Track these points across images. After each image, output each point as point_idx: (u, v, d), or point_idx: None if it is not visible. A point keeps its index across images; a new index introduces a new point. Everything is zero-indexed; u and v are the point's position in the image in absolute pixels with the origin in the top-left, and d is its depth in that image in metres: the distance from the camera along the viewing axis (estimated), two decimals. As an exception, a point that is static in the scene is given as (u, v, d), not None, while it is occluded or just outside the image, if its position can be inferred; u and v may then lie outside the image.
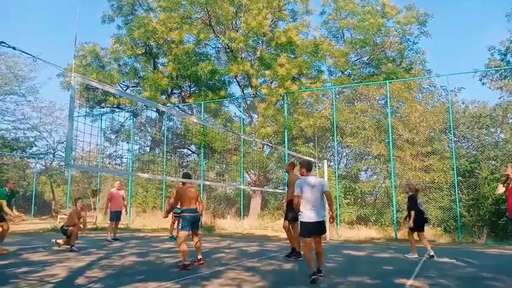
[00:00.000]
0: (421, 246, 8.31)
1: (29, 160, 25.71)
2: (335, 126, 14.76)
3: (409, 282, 5.64)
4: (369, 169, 16.49)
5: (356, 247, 10.39)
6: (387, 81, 15.12)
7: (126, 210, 12.34)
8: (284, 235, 13.72)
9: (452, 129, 13.41)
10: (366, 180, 16.02)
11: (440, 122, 14.48)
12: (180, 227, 7.58)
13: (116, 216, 11.66)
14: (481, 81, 20.96)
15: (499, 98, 18.57)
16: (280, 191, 15.99)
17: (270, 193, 17.60)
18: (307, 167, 6.20)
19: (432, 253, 8.03)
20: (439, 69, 44.43)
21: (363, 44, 18.87)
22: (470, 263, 7.59)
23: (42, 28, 44.12)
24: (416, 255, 8.14)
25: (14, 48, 4.09)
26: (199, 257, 6.94)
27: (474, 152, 14.98)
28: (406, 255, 8.30)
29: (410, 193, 8.42)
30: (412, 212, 8.15)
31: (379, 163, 15.43)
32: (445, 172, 13.22)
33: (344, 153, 18.05)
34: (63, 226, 9.23)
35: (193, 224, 6.79)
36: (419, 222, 8.24)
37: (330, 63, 19.55)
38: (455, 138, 13.99)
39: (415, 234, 8.37)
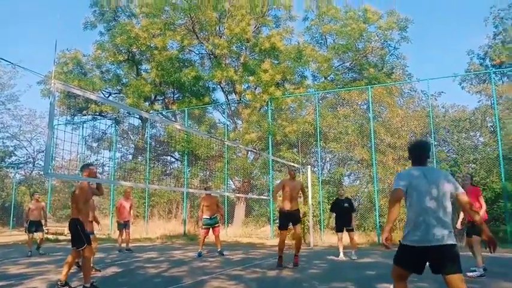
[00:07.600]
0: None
1: (8, 170, 25.13)
2: (318, 131, 14.83)
3: (391, 286, 5.65)
4: (352, 174, 16.60)
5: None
6: (369, 86, 15.28)
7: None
8: (268, 242, 13.67)
9: (432, 133, 13.61)
10: (349, 185, 16.10)
11: (421, 126, 14.68)
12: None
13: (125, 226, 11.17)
14: (460, 85, 21.42)
15: (478, 102, 19.00)
16: (264, 197, 15.94)
17: (254, 200, 17.52)
18: None
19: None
20: (419, 74, 45.14)
21: (345, 49, 19.01)
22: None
23: (23, 35, 43.48)
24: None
25: (-10, 56, 3.98)
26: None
27: (454, 155, 15.21)
28: (336, 258, 9.06)
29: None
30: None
31: (361, 168, 15.55)
32: (426, 176, 13.32)
33: (327, 159, 18.12)
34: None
35: None
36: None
37: (313, 69, 19.65)
38: (435, 142, 14.18)
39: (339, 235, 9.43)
